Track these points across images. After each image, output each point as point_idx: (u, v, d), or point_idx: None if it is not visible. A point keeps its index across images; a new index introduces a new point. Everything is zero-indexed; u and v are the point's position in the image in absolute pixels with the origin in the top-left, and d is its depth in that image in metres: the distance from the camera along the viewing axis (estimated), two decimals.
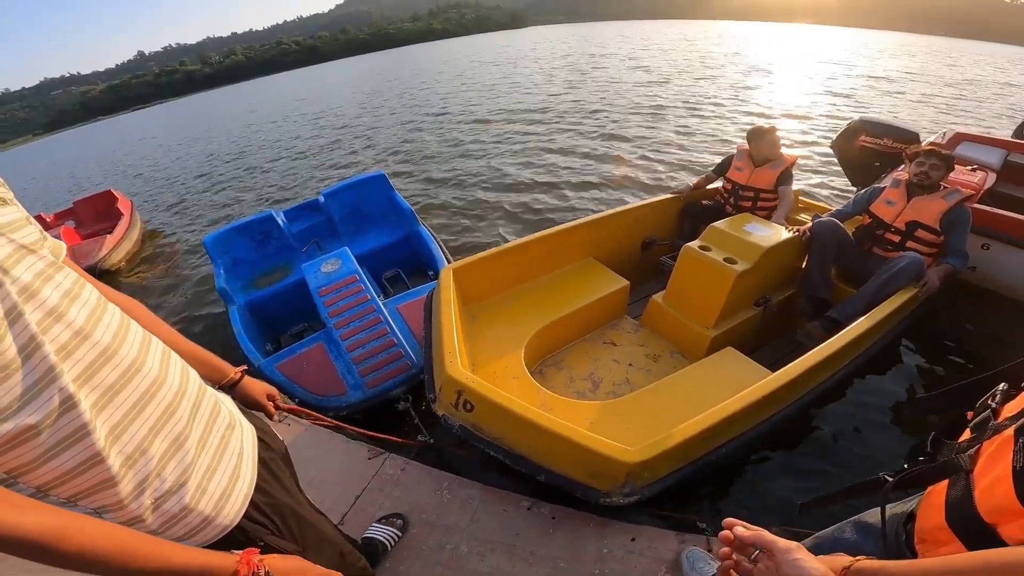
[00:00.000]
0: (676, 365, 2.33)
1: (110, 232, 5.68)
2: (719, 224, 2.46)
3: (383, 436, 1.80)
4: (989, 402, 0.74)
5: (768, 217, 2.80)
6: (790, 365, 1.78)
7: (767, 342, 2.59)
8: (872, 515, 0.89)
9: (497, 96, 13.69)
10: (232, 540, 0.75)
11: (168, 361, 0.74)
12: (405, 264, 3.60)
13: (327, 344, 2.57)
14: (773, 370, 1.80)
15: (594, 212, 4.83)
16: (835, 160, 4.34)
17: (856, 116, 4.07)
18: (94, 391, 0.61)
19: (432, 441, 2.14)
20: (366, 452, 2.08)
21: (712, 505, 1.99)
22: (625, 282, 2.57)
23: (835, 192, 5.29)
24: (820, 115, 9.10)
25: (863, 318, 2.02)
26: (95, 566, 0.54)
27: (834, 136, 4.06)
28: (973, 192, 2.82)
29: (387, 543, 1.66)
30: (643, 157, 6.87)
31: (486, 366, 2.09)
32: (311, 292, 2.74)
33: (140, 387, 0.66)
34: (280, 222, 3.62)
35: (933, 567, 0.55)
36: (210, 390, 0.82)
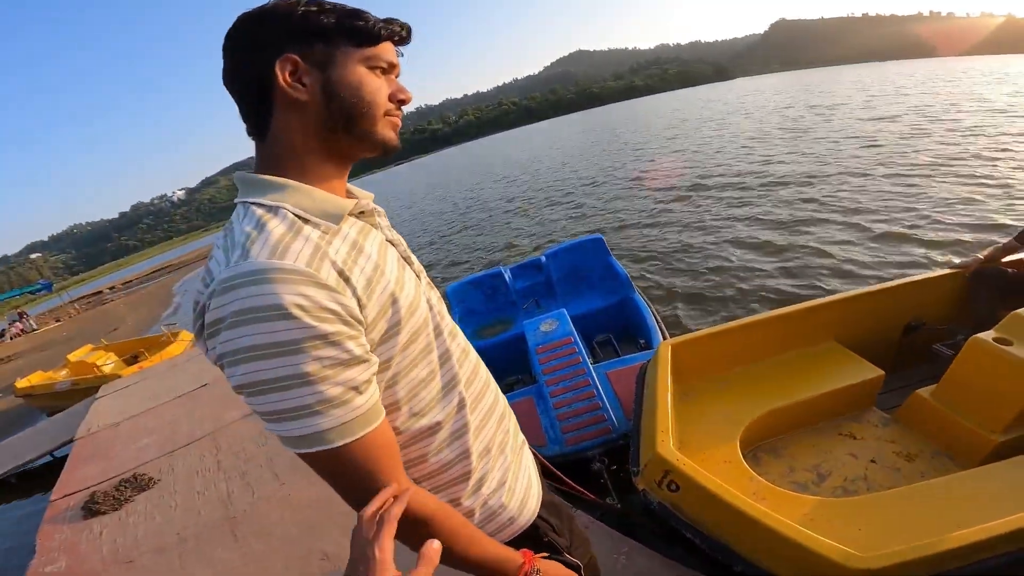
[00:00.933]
0: (940, 469, 1.93)
1: None
2: None
3: (578, 489, 1.85)
4: None
5: None
6: None
7: None
8: None
9: (709, 156, 13.20)
10: (523, 536, 0.82)
11: (495, 384, 0.87)
12: (616, 329, 3.57)
13: (536, 399, 2.75)
14: None
15: (826, 290, 4.31)
16: None
17: None
18: (470, 396, 0.74)
19: (619, 506, 2.16)
20: None
21: None
22: (879, 371, 2.23)
23: None
24: None
25: None
26: (447, 543, 0.62)
27: None
28: None
29: None
30: (899, 226, 5.65)
31: (695, 445, 2.02)
32: (529, 348, 2.99)
33: (489, 399, 0.80)
34: (507, 278, 4.04)
35: None
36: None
